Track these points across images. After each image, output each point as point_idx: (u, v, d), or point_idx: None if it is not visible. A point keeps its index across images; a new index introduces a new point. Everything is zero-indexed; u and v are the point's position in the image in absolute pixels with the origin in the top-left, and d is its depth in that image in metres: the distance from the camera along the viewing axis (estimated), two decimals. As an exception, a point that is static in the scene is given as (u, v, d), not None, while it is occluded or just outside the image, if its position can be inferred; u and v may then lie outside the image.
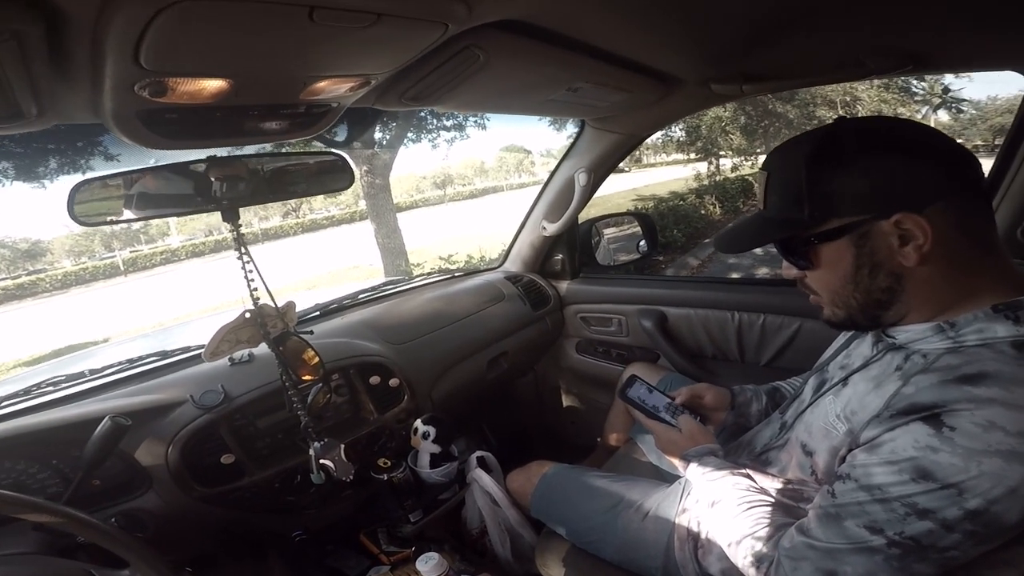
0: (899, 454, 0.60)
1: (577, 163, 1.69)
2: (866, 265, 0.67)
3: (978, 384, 0.57)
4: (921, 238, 0.63)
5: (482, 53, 0.81)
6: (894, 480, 0.60)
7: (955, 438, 0.56)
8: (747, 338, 1.58)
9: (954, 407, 0.57)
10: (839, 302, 0.72)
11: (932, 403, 0.59)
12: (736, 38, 0.97)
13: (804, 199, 0.67)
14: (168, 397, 1.10)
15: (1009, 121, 1.25)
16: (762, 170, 0.75)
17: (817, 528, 0.68)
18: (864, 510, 0.62)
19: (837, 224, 0.66)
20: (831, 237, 0.67)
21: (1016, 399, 0.55)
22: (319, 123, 0.86)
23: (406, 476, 1.33)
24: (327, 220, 32.10)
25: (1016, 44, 0.99)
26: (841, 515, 0.65)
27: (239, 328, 0.91)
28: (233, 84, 0.66)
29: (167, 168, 0.84)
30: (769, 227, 0.73)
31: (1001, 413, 0.55)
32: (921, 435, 0.59)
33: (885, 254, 0.66)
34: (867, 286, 0.68)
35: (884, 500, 0.61)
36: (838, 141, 0.67)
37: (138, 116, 0.68)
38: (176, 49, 0.55)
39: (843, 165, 0.66)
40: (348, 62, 0.71)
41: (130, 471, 1.03)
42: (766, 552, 0.75)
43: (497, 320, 1.77)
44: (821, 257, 0.70)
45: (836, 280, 0.70)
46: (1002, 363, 0.58)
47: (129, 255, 26.09)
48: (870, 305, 0.70)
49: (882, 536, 0.61)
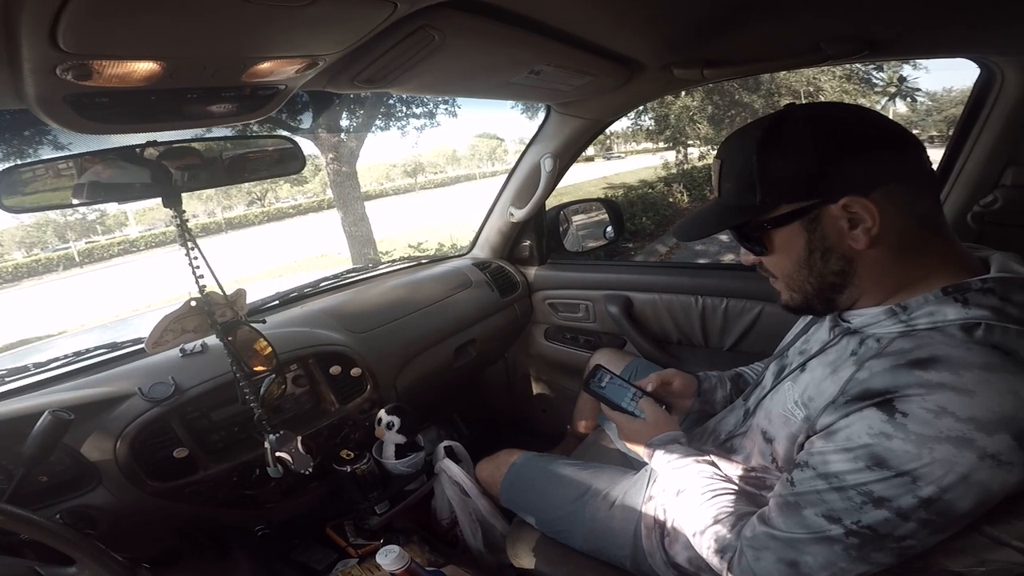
0: (854, 441, 0.61)
1: (543, 149, 1.68)
2: (818, 249, 0.68)
3: (928, 368, 0.58)
4: (869, 221, 0.64)
5: (437, 33, 0.78)
6: (850, 468, 0.61)
7: (908, 424, 0.57)
8: (711, 322, 1.60)
9: (906, 392, 0.58)
10: (795, 286, 0.73)
11: (885, 388, 0.60)
12: (696, 23, 0.97)
13: (756, 185, 0.68)
14: (115, 390, 1.05)
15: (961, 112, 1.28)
16: (716, 158, 0.75)
17: (777, 517, 0.68)
18: (822, 499, 0.63)
19: (788, 209, 0.67)
20: (783, 222, 0.68)
21: (965, 383, 0.55)
22: (266, 106, 0.82)
23: (370, 467, 1.31)
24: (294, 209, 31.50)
25: (968, 32, 1.01)
26: (800, 504, 0.66)
27: (184, 317, 0.87)
28: (166, 67, 0.62)
29: (106, 153, 0.79)
30: (725, 214, 0.74)
31: (951, 398, 0.55)
32: (875, 421, 0.59)
33: (836, 238, 0.67)
34: (820, 270, 0.69)
35: (841, 488, 0.61)
36: (787, 126, 0.67)
37: (66, 100, 0.64)
38: (97, 30, 0.52)
39: (791, 150, 0.66)
40: (290, 43, 0.67)
41: (78, 467, 1.00)
42: (730, 541, 0.76)
43: (464, 307, 1.75)
44: (775, 242, 0.71)
45: (791, 264, 0.71)
46: (952, 347, 0.59)
47: (85, 246, 25.11)
48: (824, 288, 0.71)
49: (840, 525, 0.61)
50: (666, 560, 0.92)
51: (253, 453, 1.13)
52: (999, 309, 0.60)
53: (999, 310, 0.60)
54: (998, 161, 1.18)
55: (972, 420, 0.54)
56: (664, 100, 13.59)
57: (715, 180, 0.75)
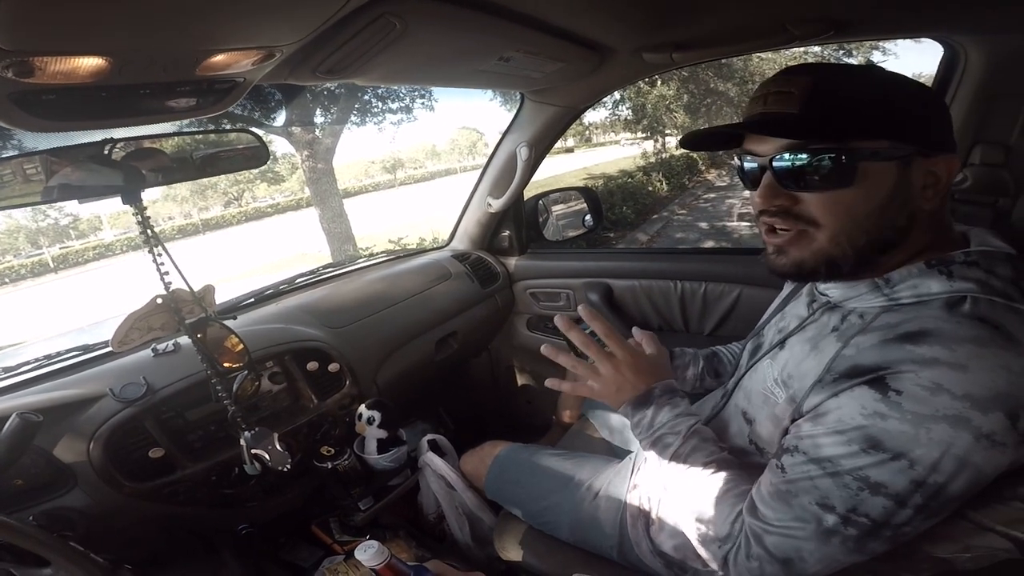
0: (847, 423, 0.59)
1: (519, 138, 1.67)
2: (899, 197, 0.63)
3: (920, 343, 0.57)
4: (944, 181, 0.63)
5: (398, 21, 0.76)
6: (844, 451, 0.59)
7: (903, 403, 0.55)
8: (690, 307, 1.61)
9: (899, 368, 0.57)
10: (846, 236, 0.65)
11: (875, 364, 0.59)
12: (663, 6, 0.96)
13: (870, 108, 0.62)
14: (86, 391, 1.04)
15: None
16: (803, 75, 0.64)
17: (769, 508, 0.66)
18: (815, 485, 0.61)
19: (887, 145, 0.61)
20: (883, 156, 0.61)
21: (959, 358, 0.54)
22: (226, 99, 0.80)
23: (352, 463, 1.30)
24: (272, 208, 31.08)
25: (931, 12, 1.03)
26: (792, 491, 0.63)
27: (150, 315, 0.85)
28: (112, 62, 0.59)
29: (57, 152, 0.76)
30: (802, 126, 0.63)
31: (946, 374, 0.54)
32: (868, 401, 0.58)
33: (915, 190, 0.63)
34: (890, 220, 0.64)
35: (835, 474, 0.60)
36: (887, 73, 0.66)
37: (10, 98, 0.61)
38: (34, 25, 0.49)
39: (909, 91, 0.64)
40: (243, 34, 0.65)
41: (52, 469, 0.98)
42: (728, 532, 0.72)
43: (444, 299, 1.74)
44: (862, 177, 0.62)
45: (866, 205, 0.63)
46: (941, 320, 0.58)
47: (59, 251, 24.56)
48: (875, 245, 0.65)
49: (835, 514, 0.60)
50: (652, 549, 0.91)
51: (231, 452, 1.12)
52: (984, 282, 0.60)
53: (984, 283, 0.60)
54: (965, 140, 1.19)
55: (968, 397, 0.53)
56: (640, 90, 13.62)
57: (797, 94, 0.63)
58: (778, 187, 0.66)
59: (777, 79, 0.66)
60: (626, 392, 0.85)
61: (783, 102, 0.64)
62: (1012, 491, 0.58)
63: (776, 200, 0.67)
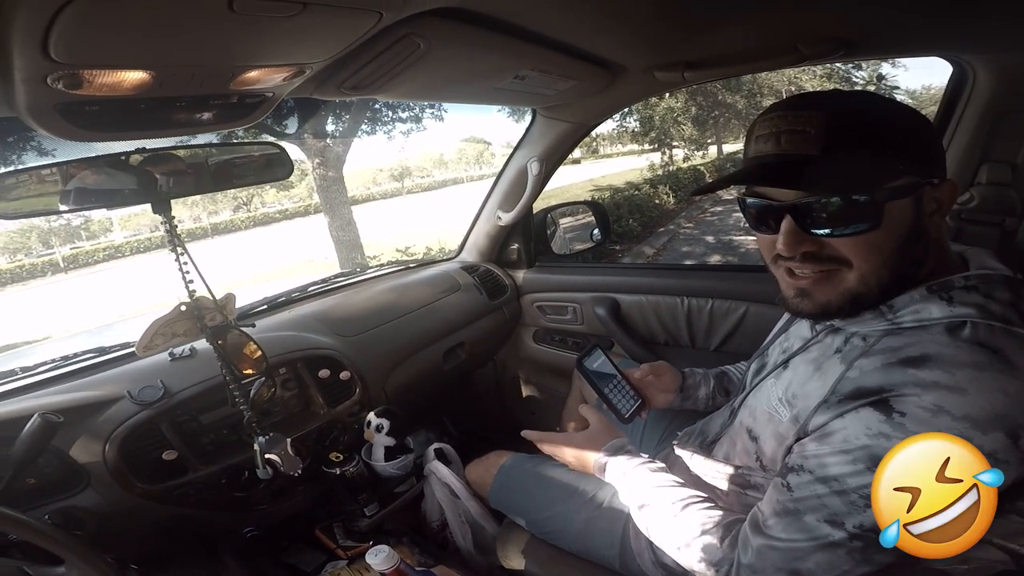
0: (852, 443, 0.61)
1: (529, 152, 1.69)
2: (916, 229, 0.63)
3: (921, 367, 0.58)
4: (947, 206, 0.64)
5: (422, 41, 0.80)
6: (850, 470, 0.60)
7: (906, 423, 0.57)
8: (696, 323, 1.62)
9: (901, 391, 0.58)
10: (873, 276, 0.64)
11: (879, 387, 0.60)
12: (675, 26, 0.99)
13: (887, 147, 0.61)
14: (104, 393, 1.06)
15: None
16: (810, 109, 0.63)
17: (776, 525, 0.67)
18: (823, 503, 0.62)
19: (905, 181, 0.61)
20: (900, 194, 0.61)
21: (958, 382, 0.56)
22: (254, 113, 0.83)
23: (359, 470, 1.31)
24: (280, 214, 31.20)
25: (940, 30, 1.04)
26: (800, 510, 0.64)
27: (174, 321, 0.87)
28: (155, 76, 0.63)
29: (98, 159, 0.80)
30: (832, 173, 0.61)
31: (947, 397, 0.56)
32: (872, 422, 0.59)
33: (926, 220, 0.64)
34: (911, 253, 0.64)
35: (842, 492, 0.61)
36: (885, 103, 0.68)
37: (56, 109, 0.65)
38: (88, 41, 0.53)
39: (915, 120, 0.64)
40: (277, 52, 0.68)
41: (66, 469, 1.00)
42: (724, 554, 0.73)
43: (453, 310, 1.76)
44: (885, 216, 0.61)
45: (892, 243, 0.63)
46: (941, 345, 0.59)
47: (69, 252, 24.73)
48: (899, 278, 0.65)
49: (842, 530, 0.61)
50: (654, 560, 0.92)
51: (242, 455, 1.13)
52: (983, 307, 0.61)
53: (983, 307, 0.61)
54: (973, 159, 1.20)
55: (967, 418, 0.55)
56: (649, 102, 13.69)
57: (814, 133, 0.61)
58: (802, 233, 0.64)
59: (787, 116, 0.64)
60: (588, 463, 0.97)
61: (799, 143, 0.62)
62: (1011, 504, 0.58)
63: (802, 247, 0.65)
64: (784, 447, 0.72)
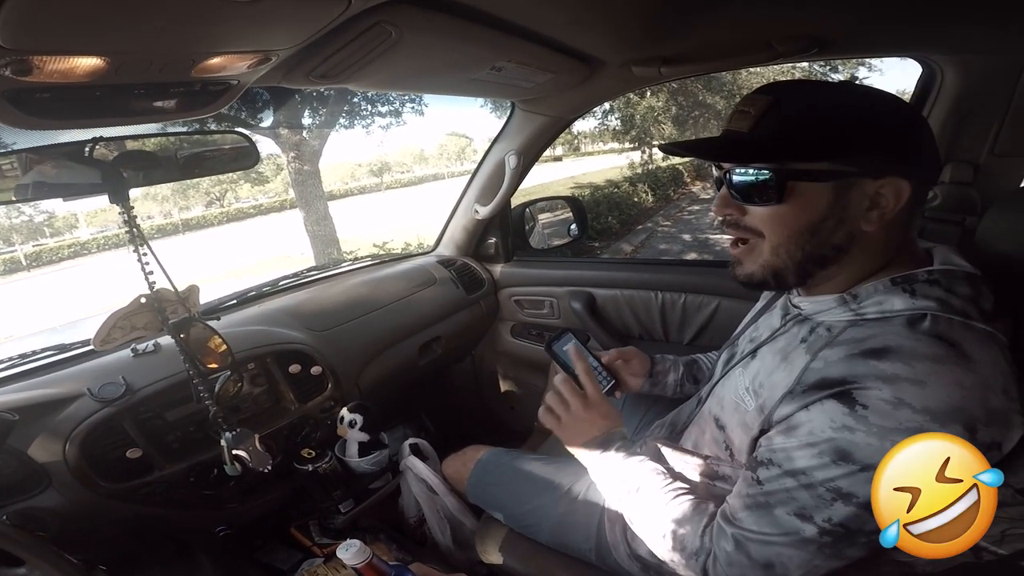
0: (817, 435, 0.62)
1: (508, 146, 1.69)
2: (833, 217, 0.66)
3: (882, 359, 0.59)
4: (890, 206, 0.65)
5: (394, 30, 0.77)
6: (816, 463, 0.61)
7: (868, 416, 0.58)
8: (670, 317, 1.64)
9: (864, 383, 0.59)
10: (784, 250, 0.69)
11: (841, 378, 0.61)
12: (652, 21, 0.99)
13: (810, 132, 0.65)
14: (63, 391, 1.02)
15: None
16: (766, 94, 0.69)
17: (748, 518, 0.68)
18: (792, 496, 0.63)
19: (827, 167, 0.65)
20: (816, 178, 0.65)
21: (917, 374, 0.57)
22: (218, 101, 0.80)
23: (333, 466, 1.29)
24: (254, 209, 30.73)
25: (910, 31, 1.05)
26: (771, 503, 0.65)
27: (133, 314, 0.84)
28: (110, 63, 0.60)
29: (46, 150, 0.77)
30: (748, 148, 0.69)
31: (907, 389, 0.57)
32: (836, 414, 0.60)
33: (854, 212, 0.66)
34: (823, 238, 0.67)
35: (809, 485, 0.62)
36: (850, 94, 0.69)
37: (4, 96, 0.61)
38: (37, 26, 0.50)
39: (864, 114, 0.66)
40: (241, 39, 0.66)
41: (25, 469, 0.96)
42: (700, 544, 0.74)
43: (429, 304, 1.75)
44: (794, 195, 0.66)
45: (798, 224, 0.68)
46: (902, 337, 0.61)
47: (32, 249, 23.97)
48: (814, 259, 0.69)
49: (812, 524, 0.62)
50: (629, 553, 0.92)
51: (210, 452, 1.11)
52: (944, 300, 0.62)
53: (944, 301, 0.62)
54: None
55: (927, 411, 0.56)
56: (630, 100, 13.78)
57: (754, 114, 0.68)
58: (729, 198, 0.72)
59: (745, 98, 0.71)
60: (586, 432, 0.92)
61: (739, 122, 0.70)
62: None
63: (725, 209, 0.73)
64: (750, 438, 0.73)
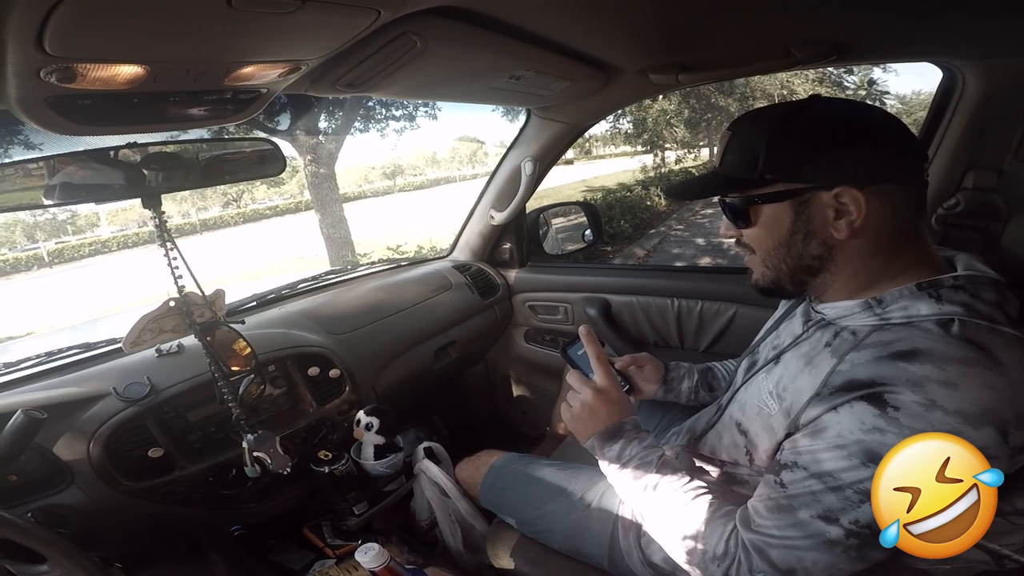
0: (846, 437, 0.61)
1: (523, 152, 1.70)
2: (801, 231, 0.71)
3: (912, 361, 0.59)
4: (855, 214, 0.67)
5: (419, 40, 0.79)
6: (845, 465, 0.61)
7: (900, 418, 0.58)
8: (686, 324, 1.63)
9: (894, 385, 0.59)
10: (770, 263, 0.76)
11: (870, 379, 0.61)
12: (671, 29, 0.99)
13: (759, 159, 0.70)
14: (89, 390, 1.04)
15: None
16: (728, 130, 0.77)
17: (769, 522, 0.67)
18: (817, 499, 0.63)
19: (782, 188, 0.70)
20: (774, 199, 0.71)
21: (949, 377, 0.57)
22: (248, 109, 0.83)
23: (349, 468, 1.31)
24: (270, 210, 31.00)
25: (931, 36, 1.05)
26: (794, 506, 0.65)
27: (162, 317, 0.86)
28: (150, 71, 0.62)
29: (89, 153, 0.79)
30: (720, 182, 0.77)
31: (939, 391, 0.57)
32: (867, 416, 0.60)
33: (820, 224, 0.69)
34: (799, 251, 0.72)
35: (837, 488, 0.61)
36: (804, 114, 0.71)
37: (47, 102, 0.64)
38: (84, 35, 0.52)
39: (800, 135, 0.69)
40: (274, 48, 0.68)
41: (50, 466, 0.98)
42: (724, 549, 0.72)
43: (444, 309, 1.76)
44: (760, 217, 0.74)
45: (771, 241, 0.74)
46: (931, 341, 0.61)
47: (55, 246, 24.39)
48: (800, 270, 0.74)
49: (838, 526, 0.61)
50: (643, 559, 0.92)
51: (230, 453, 1.13)
52: (970, 305, 0.63)
53: (970, 306, 0.63)
54: (960, 164, 1.20)
55: (959, 413, 0.56)
56: (642, 104, 13.74)
57: (720, 150, 0.78)
58: (728, 223, 0.80)
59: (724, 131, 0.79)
60: (598, 422, 0.89)
61: (717, 157, 0.79)
62: None
63: (728, 231, 0.81)
64: (775, 441, 0.73)
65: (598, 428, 0.88)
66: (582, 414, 0.90)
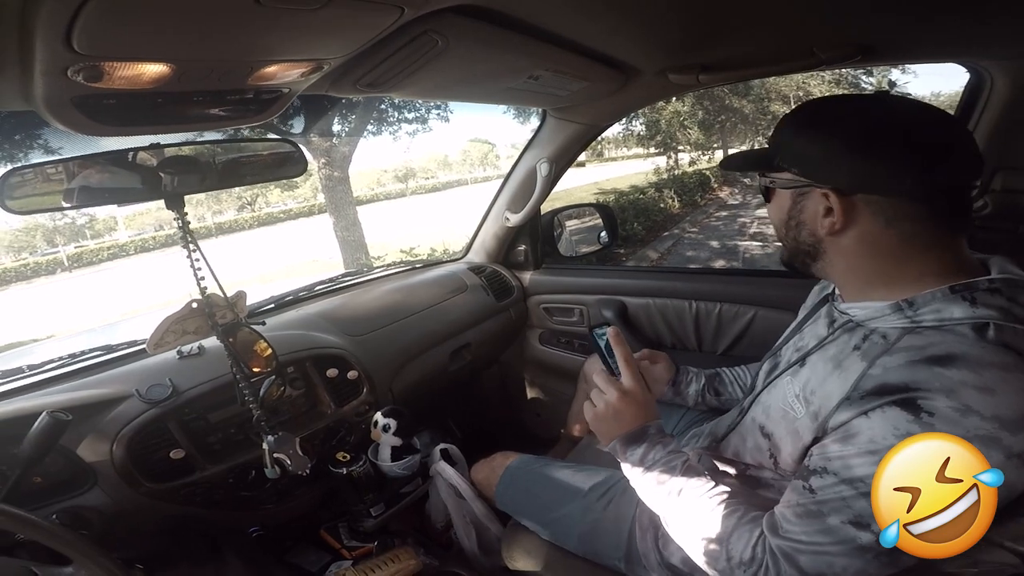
0: (879, 443, 0.59)
1: (539, 153, 1.69)
2: (795, 219, 0.76)
3: (948, 366, 0.58)
4: (836, 216, 0.69)
5: (441, 39, 0.79)
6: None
7: (935, 424, 0.56)
8: (704, 327, 1.61)
9: (928, 390, 0.58)
10: (780, 239, 0.83)
11: (904, 384, 0.59)
12: (692, 29, 0.98)
13: (783, 145, 0.75)
14: (112, 391, 1.05)
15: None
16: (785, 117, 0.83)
17: (798, 528, 0.66)
18: (847, 504, 0.62)
19: (790, 177, 0.74)
20: (782, 185, 0.77)
21: (986, 382, 0.56)
22: (269, 109, 0.83)
23: (366, 470, 1.31)
24: (284, 214, 31.23)
25: (959, 36, 1.03)
26: (823, 512, 0.64)
27: (185, 319, 0.87)
28: (175, 69, 0.63)
29: (108, 155, 0.79)
30: (758, 159, 0.81)
31: (975, 396, 0.56)
32: (900, 422, 0.58)
33: (810, 216, 0.73)
34: (795, 235, 0.77)
35: (868, 493, 0.60)
36: (825, 111, 0.75)
37: (73, 102, 0.64)
38: (111, 33, 0.52)
39: (818, 130, 0.72)
40: (298, 47, 0.68)
41: (73, 467, 0.99)
42: (752, 555, 0.71)
43: (459, 311, 1.76)
44: (774, 197, 0.80)
45: (776, 219, 0.81)
46: (967, 345, 0.59)
47: (74, 250, 24.77)
48: (799, 252, 0.79)
49: (869, 532, 0.60)
50: (660, 561, 0.91)
51: (250, 455, 1.13)
52: (1006, 309, 0.61)
53: (1006, 310, 0.61)
54: (987, 166, 1.19)
55: (996, 418, 0.55)
56: (655, 106, 13.69)
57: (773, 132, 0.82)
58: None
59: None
60: (623, 424, 0.87)
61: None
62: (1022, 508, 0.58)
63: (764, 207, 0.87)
64: (801, 445, 0.72)
65: (622, 430, 0.87)
66: (606, 414, 0.88)
